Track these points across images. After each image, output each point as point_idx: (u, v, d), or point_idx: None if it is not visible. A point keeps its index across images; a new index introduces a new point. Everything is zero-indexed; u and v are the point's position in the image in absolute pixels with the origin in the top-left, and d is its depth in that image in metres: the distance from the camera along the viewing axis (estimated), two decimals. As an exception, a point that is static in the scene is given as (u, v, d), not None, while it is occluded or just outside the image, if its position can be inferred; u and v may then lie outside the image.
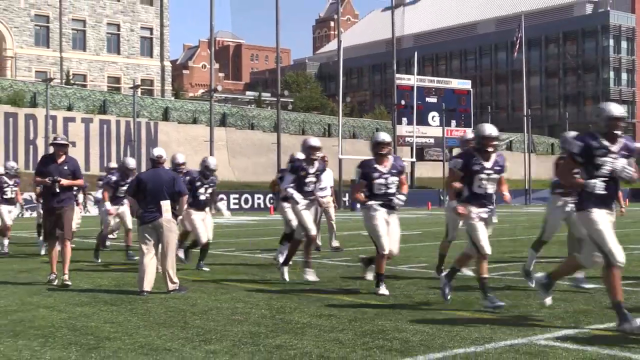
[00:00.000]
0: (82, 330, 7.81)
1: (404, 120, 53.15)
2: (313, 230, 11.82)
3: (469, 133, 11.46)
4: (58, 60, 63.84)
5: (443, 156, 53.41)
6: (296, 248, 11.89)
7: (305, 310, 8.92)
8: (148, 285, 10.58)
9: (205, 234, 13.34)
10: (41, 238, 16.84)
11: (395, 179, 10.35)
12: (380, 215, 10.13)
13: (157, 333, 7.62)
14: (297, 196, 11.49)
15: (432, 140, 55.12)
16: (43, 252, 16.26)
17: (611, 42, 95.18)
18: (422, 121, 53.78)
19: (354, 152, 48.18)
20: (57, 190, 11.13)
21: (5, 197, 17.39)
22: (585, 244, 8.10)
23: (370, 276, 11.16)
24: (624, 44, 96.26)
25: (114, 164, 19.04)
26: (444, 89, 56.60)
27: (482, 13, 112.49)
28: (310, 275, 11.61)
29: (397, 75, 54.07)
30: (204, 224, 13.42)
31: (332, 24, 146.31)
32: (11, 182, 17.77)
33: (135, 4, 67.93)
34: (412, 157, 53.47)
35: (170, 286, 10.47)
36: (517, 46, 61.54)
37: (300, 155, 12.37)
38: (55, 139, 11.82)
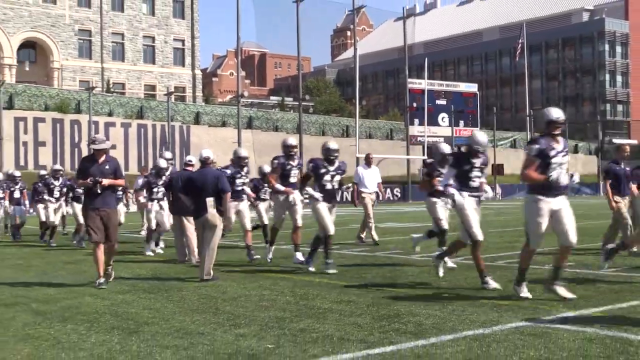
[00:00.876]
0: (123, 316, 7.86)
1: (416, 121, 52.92)
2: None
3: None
4: (99, 71, 64.15)
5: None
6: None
7: (326, 297, 8.93)
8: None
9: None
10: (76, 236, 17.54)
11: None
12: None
13: (190, 318, 7.66)
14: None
15: (442, 139, 54.81)
16: (84, 244, 16.65)
17: (606, 47, 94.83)
18: (433, 122, 53.54)
19: (370, 151, 47.93)
20: (99, 191, 10.18)
21: (54, 197, 17.81)
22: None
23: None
24: (618, 49, 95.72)
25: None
26: (452, 92, 56.33)
27: (487, 22, 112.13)
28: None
29: (409, 80, 53.97)
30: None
31: (348, 33, 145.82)
32: (57, 183, 18.05)
33: (168, 18, 68.10)
34: (423, 154, 53.16)
35: (205, 276, 10.54)
36: (520, 52, 61.38)
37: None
38: (93, 141, 10.73)
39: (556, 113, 8.50)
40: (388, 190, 49.27)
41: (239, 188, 13.28)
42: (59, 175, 18.47)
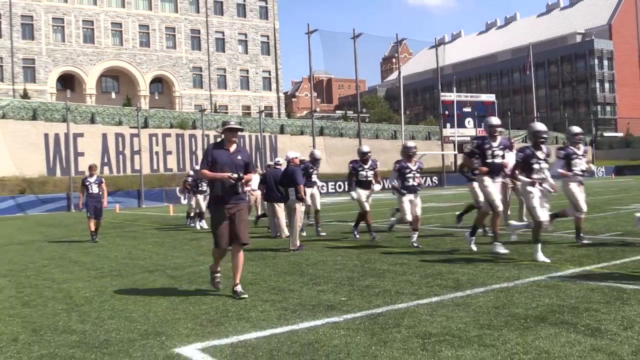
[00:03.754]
0: (232, 278, 7.97)
1: (448, 125, 52.28)
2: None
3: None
4: (208, 97, 65.19)
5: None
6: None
7: (384, 261, 8.90)
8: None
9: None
10: (188, 220, 17.91)
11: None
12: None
13: (283, 279, 7.72)
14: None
15: (468, 138, 53.91)
16: (198, 226, 16.93)
17: (596, 61, 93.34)
18: (461, 125, 52.79)
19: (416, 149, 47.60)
20: (240, 190, 6.77)
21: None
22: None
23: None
24: (605, 63, 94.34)
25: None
26: (475, 102, 55.38)
27: (501, 46, 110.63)
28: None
29: (442, 94, 53.39)
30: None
31: (394, 60, 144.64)
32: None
33: (258, 55, 68.70)
34: (454, 150, 52.74)
35: (292, 247, 10.62)
36: (527, 68, 59.98)
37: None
38: (226, 123, 6.98)
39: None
40: (428, 178, 48.92)
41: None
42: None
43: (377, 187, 12.06)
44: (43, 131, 41.26)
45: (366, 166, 11.83)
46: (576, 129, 9.72)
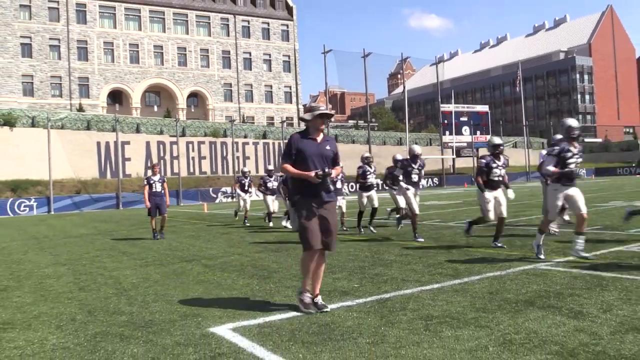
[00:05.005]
0: (259, 267, 7.99)
1: (447, 132, 52.00)
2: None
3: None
4: (237, 109, 65.39)
5: (472, 153, 52.13)
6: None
7: (392, 252, 8.87)
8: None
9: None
10: (271, 224, 15.39)
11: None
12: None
13: (303, 267, 7.73)
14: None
15: (465, 144, 53.56)
16: (286, 224, 14.45)
17: (577, 76, 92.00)
18: (458, 132, 52.46)
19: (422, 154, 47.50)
20: (331, 188, 5.15)
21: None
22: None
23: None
24: (585, 77, 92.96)
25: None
26: (471, 112, 54.98)
27: (494, 63, 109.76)
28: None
29: (441, 105, 53.08)
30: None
31: (399, 76, 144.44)
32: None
33: (280, 73, 68.76)
34: (452, 154, 52.49)
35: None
36: (517, 82, 59.45)
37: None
38: (315, 107, 5.23)
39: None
40: (429, 179, 48.68)
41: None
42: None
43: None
44: (95, 140, 41.67)
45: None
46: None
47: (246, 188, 16.85)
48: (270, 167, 16.81)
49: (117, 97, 60.54)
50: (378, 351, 3.88)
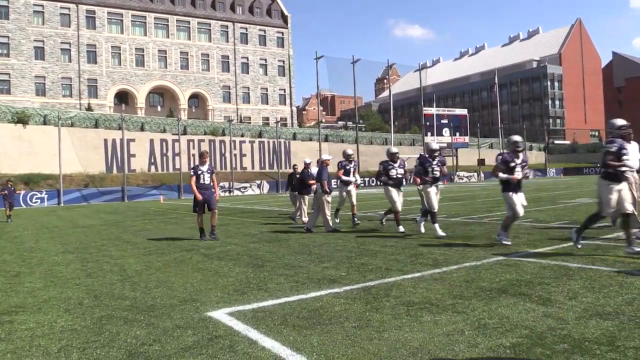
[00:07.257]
0: (254, 256, 7.98)
1: (429, 133, 52.13)
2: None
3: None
4: (235, 110, 65.12)
5: (451, 153, 52.38)
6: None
7: (376, 243, 8.88)
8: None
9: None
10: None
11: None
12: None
13: (294, 257, 7.72)
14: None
15: (445, 145, 53.81)
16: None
17: (548, 83, 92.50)
18: (439, 134, 52.61)
19: (400, 153, 47.50)
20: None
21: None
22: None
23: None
24: (556, 84, 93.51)
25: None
26: (451, 115, 55.09)
27: (473, 70, 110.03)
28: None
29: (424, 108, 53.13)
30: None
31: (385, 81, 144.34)
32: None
33: (275, 76, 68.53)
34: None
35: (327, 229, 10.83)
36: (494, 88, 59.67)
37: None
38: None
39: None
40: (412, 177, 48.70)
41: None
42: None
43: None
44: (103, 137, 41.34)
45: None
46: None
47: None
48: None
49: (123, 98, 60.10)
50: (363, 334, 3.88)
